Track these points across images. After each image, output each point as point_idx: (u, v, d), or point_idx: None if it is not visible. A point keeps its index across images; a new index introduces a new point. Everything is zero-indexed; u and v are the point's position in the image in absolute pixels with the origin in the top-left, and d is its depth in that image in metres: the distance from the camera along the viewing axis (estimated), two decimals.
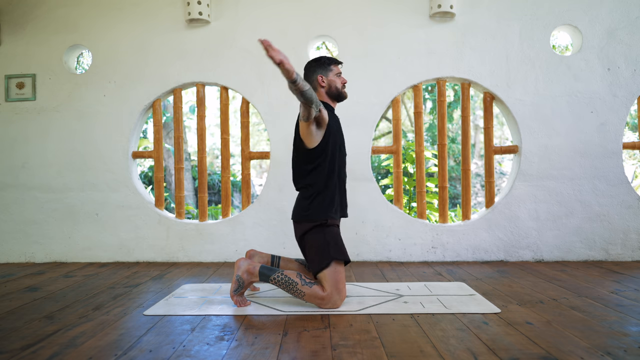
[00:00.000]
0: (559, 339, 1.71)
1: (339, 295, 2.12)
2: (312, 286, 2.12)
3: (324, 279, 2.12)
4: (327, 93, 2.32)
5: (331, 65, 2.31)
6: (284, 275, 2.15)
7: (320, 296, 2.11)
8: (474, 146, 9.29)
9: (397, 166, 3.54)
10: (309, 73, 2.32)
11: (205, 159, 3.63)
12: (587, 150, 3.39)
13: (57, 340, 1.75)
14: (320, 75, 2.29)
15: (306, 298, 2.14)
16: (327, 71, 2.30)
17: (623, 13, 3.39)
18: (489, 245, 3.42)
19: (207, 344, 1.70)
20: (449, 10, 3.35)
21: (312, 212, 2.20)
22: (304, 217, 2.22)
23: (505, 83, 3.43)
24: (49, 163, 3.61)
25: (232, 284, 2.20)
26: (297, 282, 2.13)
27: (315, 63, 2.32)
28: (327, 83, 2.30)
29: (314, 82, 2.31)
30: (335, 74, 2.32)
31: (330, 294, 2.10)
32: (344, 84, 2.34)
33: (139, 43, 3.58)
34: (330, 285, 2.11)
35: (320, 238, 2.17)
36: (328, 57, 2.34)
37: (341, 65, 2.39)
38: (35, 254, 3.61)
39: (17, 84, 3.62)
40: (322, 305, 2.12)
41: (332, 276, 2.12)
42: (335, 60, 2.34)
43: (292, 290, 2.15)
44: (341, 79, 2.33)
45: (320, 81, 2.29)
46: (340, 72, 2.35)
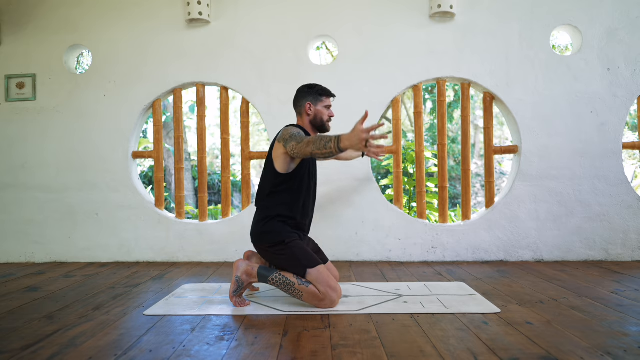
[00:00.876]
0: (559, 339, 1.71)
1: (335, 293, 2.13)
2: (309, 285, 2.12)
3: (313, 281, 2.13)
4: (311, 122, 2.33)
5: (323, 97, 2.32)
6: (281, 276, 2.16)
7: (318, 297, 2.11)
8: (474, 146, 9.29)
9: (397, 166, 3.54)
10: (300, 97, 2.33)
11: (205, 159, 3.63)
12: (587, 150, 3.39)
13: (57, 340, 1.75)
14: (309, 103, 2.30)
15: (304, 298, 2.14)
16: (317, 101, 2.31)
17: (623, 13, 3.39)
18: (489, 245, 3.42)
19: (207, 344, 1.70)
20: (449, 10, 3.35)
21: (266, 235, 2.21)
22: (259, 239, 2.24)
23: (505, 83, 3.43)
24: (48, 163, 3.61)
25: (232, 285, 2.21)
26: (294, 282, 2.14)
27: (308, 89, 2.33)
28: (313, 112, 2.31)
29: (301, 107, 2.32)
30: (325, 105, 2.32)
31: (325, 293, 2.11)
32: (330, 117, 2.35)
33: (139, 43, 3.58)
34: (322, 285, 2.11)
35: (285, 255, 2.18)
36: (323, 87, 2.34)
37: (333, 99, 2.38)
38: (35, 254, 3.61)
39: (17, 84, 3.62)
40: (320, 304, 2.13)
41: (319, 278, 2.12)
42: (329, 93, 2.34)
43: (290, 290, 2.15)
44: (329, 112, 2.34)
45: (308, 108, 2.30)
46: (330, 105, 2.35)
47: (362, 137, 1.77)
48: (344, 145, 1.84)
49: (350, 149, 1.84)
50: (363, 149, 1.81)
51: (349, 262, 3.42)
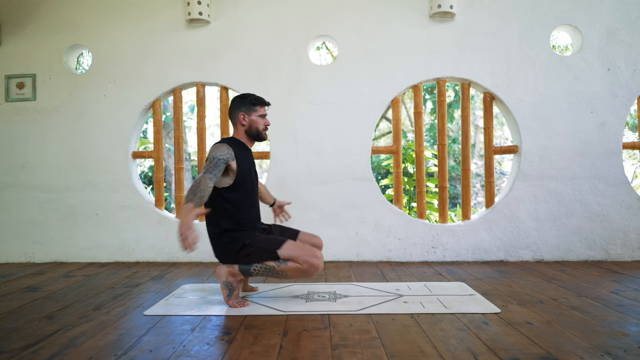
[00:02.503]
0: (559, 339, 1.71)
1: (315, 258, 2.12)
2: (287, 263, 2.13)
3: (293, 257, 2.12)
4: (246, 132, 2.32)
5: (256, 106, 2.31)
6: (261, 264, 2.16)
7: (301, 269, 2.11)
8: (474, 146, 9.29)
9: (397, 166, 3.54)
10: (233, 107, 2.33)
11: (205, 159, 3.62)
12: (587, 150, 3.39)
13: (57, 340, 1.75)
14: (243, 113, 2.30)
15: (290, 276, 2.14)
16: (251, 110, 2.30)
17: (623, 13, 3.39)
18: (489, 245, 3.42)
19: (207, 344, 1.70)
20: (449, 10, 3.35)
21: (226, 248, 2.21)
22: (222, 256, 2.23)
23: (505, 83, 3.43)
24: (49, 163, 3.61)
25: (222, 290, 2.21)
26: (274, 266, 2.14)
27: (241, 100, 2.32)
28: (247, 122, 2.30)
29: (235, 118, 2.32)
30: (259, 114, 2.31)
31: (304, 262, 2.10)
32: (267, 126, 2.34)
33: (139, 43, 3.58)
34: (299, 257, 2.11)
35: (253, 252, 2.17)
36: (255, 97, 2.33)
37: (268, 107, 2.38)
38: (35, 254, 3.61)
39: (17, 84, 3.62)
40: (307, 274, 2.13)
41: (292, 253, 2.12)
42: (262, 101, 2.33)
43: (274, 274, 2.16)
44: (264, 121, 2.33)
45: (241, 119, 2.30)
46: (266, 114, 2.34)
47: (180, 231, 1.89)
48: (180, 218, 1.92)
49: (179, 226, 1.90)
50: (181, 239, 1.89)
51: (349, 262, 3.42)
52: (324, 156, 3.48)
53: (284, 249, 2.14)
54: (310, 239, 2.43)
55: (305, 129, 3.50)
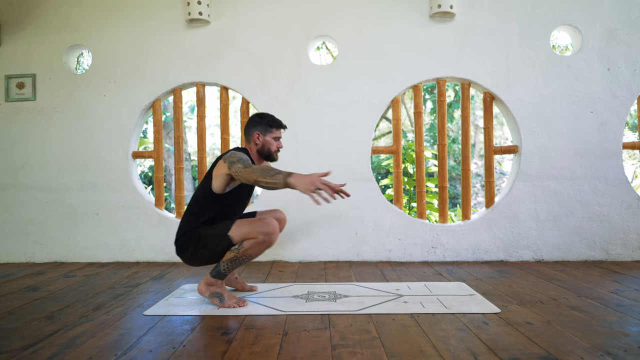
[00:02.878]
0: (559, 339, 1.71)
1: (267, 225, 2.10)
2: (244, 244, 2.12)
3: (245, 236, 2.12)
4: (258, 151, 2.33)
5: (273, 128, 2.32)
6: (226, 260, 2.16)
7: (259, 241, 2.10)
8: (474, 146, 9.29)
9: (397, 166, 3.54)
10: (250, 125, 2.34)
11: (205, 159, 3.63)
12: (587, 150, 3.39)
13: (57, 340, 1.75)
14: (258, 133, 2.30)
15: (253, 252, 2.13)
16: (266, 131, 2.31)
17: (623, 13, 3.39)
18: (489, 245, 3.42)
19: (207, 344, 1.70)
20: (449, 10, 3.35)
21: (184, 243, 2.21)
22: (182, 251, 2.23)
23: (505, 83, 3.43)
24: (49, 163, 3.61)
25: (214, 302, 2.20)
26: (236, 254, 2.13)
27: (259, 118, 2.33)
28: (261, 142, 2.31)
29: (250, 136, 2.33)
30: (274, 136, 2.33)
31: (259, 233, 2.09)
32: (279, 149, 2.36)
33: (139, 43, 3.58)
34: (252, 231, 2.10)
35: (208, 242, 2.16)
36: (274, 118, 2.34)
37: (284, 130, 2.39)
38: (35, 254, 3.61)
39: (17, 84, 3.62)
40: (267, 242, 2.11)
41: (244, 228, 2.12)
42: (280, 124, 2.34)
43: (241, 261, 2.15)
44: (277, 143, 2.34)
45: (256, 138, 2.31)
46: (280, 137, 2.36)
47: (316, 184, 1.87)
48: (291, 182, 1.90)
49: (295, 188, 1.89)
50: (308, 193, 1.87)
51: (349, 262, 3.42)
52: (324, 156, 3.48)
53: (233, 230, 2.13)
54: (269, 213, 2.43)
55: (305, 129, 3.50)
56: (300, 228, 3.48)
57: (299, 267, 3.25)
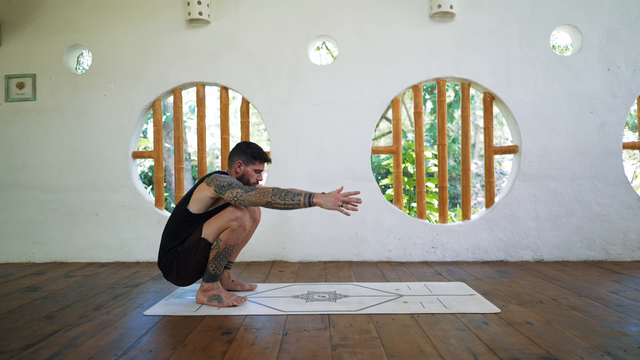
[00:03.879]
0: (559, 339, 1.71)
1: (235, 212, 2.13)
2: (220, 239, 2.14)
3: (218, 229, 2.13)
4: (238, 179, 2.33)
5: (256, 160, 2.33)
6: (211, 262, 2.17)
7: (232, 228, 2.12)
8: (474, 146, 9.29)
9: (397, 166, 3.54)
10: (235, 152, 2.35)
11: (205, 159, 3.63)
12: (587, 150, 3.39)
13: (57, 340, 1.75)
14: (240, 162, 2.31)
15: (232, 241, 2.15)
16: (249, 162, 2.32)
17: (623, 13, 3.39)
18: (489, 245, 3.42)
19: (207, 344, 1.70)
20: (449, 10, 3.35)
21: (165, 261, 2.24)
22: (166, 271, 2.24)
23: (505, 83, 3.43)
24: (49, 163, 3.61)
25: (213, 305, 2.20)
26: (217, 251, 2.15)
27: (245, 148, 2.34)
28: (242, 171, 2.32)
29: (232, 162, 2.34)
30: (256, 169, 2.34)
31: (229, 221, 2.11)
32: (258, 181, 2.37)
33: (139, 43, 3.58)
34: (223, 224, 2.12)
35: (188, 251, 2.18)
36: (260, 151, 2.34)
37: (268, 165, 2.41)
38: (36, 254, 3.61)
39: (17, 84, 3.62)
40: (241, 227, 2.13)
41: (214, 224, 2.13)
42: (263, 157, 2.35)
43: (223, 255, 2.17)
44: (258, 176, 2.36)
45: (237, 166, 2.32)
46: (262, 170, 2.37)
47: (339, 201, 2.03)
48: (316, 202, 2.04)
49: (322, 207, 2.04)
50: (336, 209, 2.04)
51: (349, 262, 3.42)
52: (324, 156, 3.48)
53: (205, 230, 2.15)
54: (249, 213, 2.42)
55: (305, 129, 3.50)
56: (300, 228, 3.48)
57: (299, 267, 3.25)
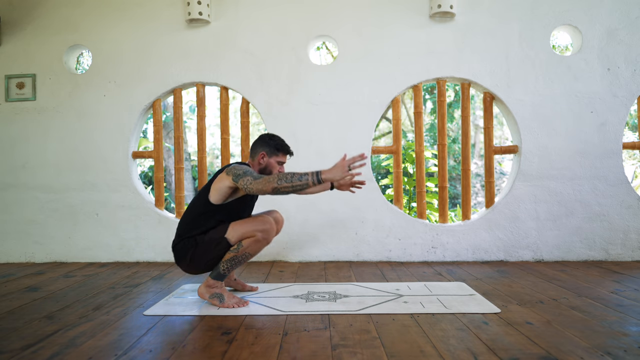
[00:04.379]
0: (559, 339, 1.71)
1: (263, 224, 2.13)
2: (242, 244, 2.13)
3: (242, 236, 2.13)
4: (260, 171, 2.33)
5: (280, 152, 2.33)
6: (226, 261, 2.17)
7: (256, 239, 2.12)
8: (474, 146, 9.29)
9: (397, 166, 3.54)
10: (258, 143, 2.34)
11: (205, 159, 3.63)
12: (587, 150, 3.39)
13: (57, 340, 1.75)
14: (264, 153, 2.31)
15: (252, 251, 2.15)
16: (272, 154, 2.32)
17: (623, 13, 3.39)
18: (489, 245, 3.42)
19: (207, 344, 1.71)
20: (449, 10, 3.35)
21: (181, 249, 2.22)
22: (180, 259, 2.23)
23: (505, 83, 3.43)
24: (49, 163, 3.61)
25: (214, 304, 2.20)
26: (235, 254, 2.15)
27: (269, 140, 2.33)
28: (265, 163, 2.31)
29: (255, 154, 2.33)
30: (279, 160, 2.33)
31: (256, 231, 2.11)
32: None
33: (139, 43, 3.58)
34: (249, 230, 2.12)
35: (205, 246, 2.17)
36: (283, 143, 2.34)
37: (290, 157, 2.40)
38: (36, 254, 3.61)
39: (17, 84, 3.62)
40: (265, 240, 2.13)
41: (241, 229, 2.13)
42: (287, 150, 2.34)
43: (240, 260, 2.17)
44: (280, 168, 2.35)
45: (261, 157, 2.31)
46: (285, 162, 2.37)
47: (345, 168, 1.95)
48: (325, 177, 1.96)
49: (333, 179, 1.96)
50: (346, 175, 1.95)
51: (349, 262, 3.42)
52: (324, 156, 3.48)
53: (230, 231, 2.14)
54: (266, 214, 2.42)
55: (305, 129, 3.50)
56: (300, 228, 3.48)
57: (299, 267, 3.25)
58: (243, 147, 3.58)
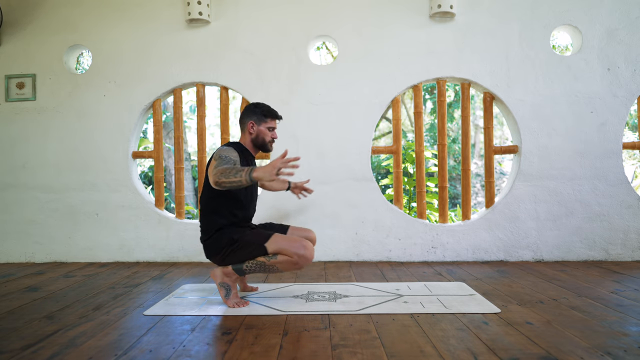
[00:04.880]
0: (559, 339, 1.71)
1: (304, 249, 2.11)
2: (277, 257, 2.13)
3: (281, 250, 2.12)
4: (252, 140, 2.33)
5: (267, 118, 2.32)
6: (253, 261, 2.16)
7: (292, 261, 2.11)
8: (474, 146, 9.29)
9: (397, 166, 3.54)
10: (244, 114, 2.34)
11: (205, 159, 3.63)
12: (587, 150, 3.39)
13: (57, 340, 1.75)
14: (252, 122, 2.30)
15: (282, 268, 2.15)
16: (261, 121, 2.31)
17: (623, 13, 3.39)
18: (489, 245, 3.42)
19: (207, 344, 1.71)
20: (449, 10, 3.35)
21: (215, 246, 2.22)
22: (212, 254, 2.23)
23: (505, 83, 3.43)
24: (49, 163, 3.61)
25: (220, 292, 2.22)
26: (264, 261, 2.14)
27: (254, 108, 2.33)
28: (255, 131, 2.31)
29: (244, 125, 2.33)
30: (268, 126, 2.32)
31: (294, 254, 2.10)
32: (273, 139, 2.35)
33: (139, 43, 3.58)
34: (287, 249, 2.11)
35: (240, 247, 2.17)
36: (268, 108, 2.33)
37: (279, 121, 2.39)
38: (36, 254, 3.61)
39: (17, 84, 3.62)
40: (299, 265, 2.12)
41: (280, 246, 2.12)
42: (274, 114, 2.33)
43: (266, 269, 2.16)
44: (272, 134, 2.34)
45: (250, 127, 2.30)
46: (275, 127, 2.35)
47: (276, 165, 1.91)
48: (255, 176, 1.93)
49: (262, 179, 1.93)
50: (274, 177, 1.92)
51: (349, 262, 3.42)
52: (324, 156, 3.48)
53: (271, 242, 2.14)
54: (301, 232, 2.42)
55: (305, 129, 3.50)
56: None
57: None
58: None
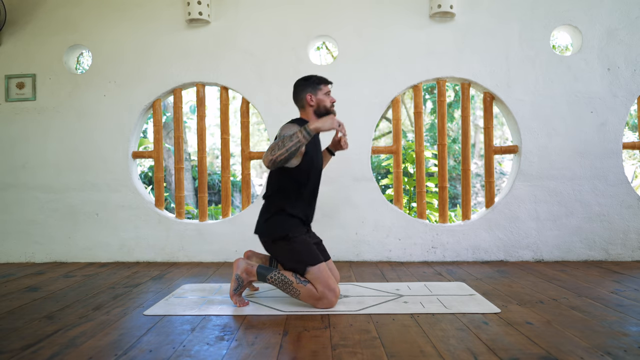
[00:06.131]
0: (559, 339, 1.71)
1: (333, 294, 2.12)
2: (306, 284, 2.13)
3: (313, 280, 2.13)
4: (315, 112, 2.32)
5: (321, 85, 2.33)
6: (280, 274, 2.16)
7: (315, 296, 2.11)
8: (474, 146, 9.29)
9: (397, 166, 3.54)
10: (298, 90, 2.34)
11: (205, 159, 3.63)
12: (587, 150, 3.39)
13: (57, 340, 1.75)
14: (310, 94, 2.31)
15: (301, 297, 2.14)
16: (316, 90, 2.31)
17: (623, 13, 3.39)
18: (489, 245, 3.42)
19: (207, 344, 1.71)
20: (449, 10, 3.35)
21: (270, 229, 2.23)
22: (263, 233, 2.25)
23: (505, 83, 3.43)
24: (49, 163, 3.61)
25: (232, 283, 2.22)
26: (292, 281, 2.14)
27: (304, 82, 2.34)
28: (315, 102, 2.31)
29: (302, 100, 2.33)
30: (324, 93, 2.33)
31: (322, 293, 2.10)
32: (333, 103, 2.35)
33: (139, 43, 3.58)
34: (321, 285, 2.11)
35: (288, 250, 2.19)
36: (318, 76, 2.35)
37: (331, 85, 2.39)
38: (36, 254, 3.61)
39: (17, 84, 3.62)
40: (318, 304, 2.12)
41: (319, 277, 2.12)
42: (325, 80, 2.35)
43: (288, 289, 2.15)
44: (330, 98, 2.34)
45: (309, 100, 2.31)
46: (330, 91, 2.36)
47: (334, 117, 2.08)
48: (314, 127, 2.03)
49: (322, 129, 2.04)
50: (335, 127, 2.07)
51: (349, 262, 3.42)
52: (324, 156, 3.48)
53: (314, 268, 2.13)
54: (332, 271, 2.43)
55: None
56: None
57: None
58: (243, 147, 3.57)
